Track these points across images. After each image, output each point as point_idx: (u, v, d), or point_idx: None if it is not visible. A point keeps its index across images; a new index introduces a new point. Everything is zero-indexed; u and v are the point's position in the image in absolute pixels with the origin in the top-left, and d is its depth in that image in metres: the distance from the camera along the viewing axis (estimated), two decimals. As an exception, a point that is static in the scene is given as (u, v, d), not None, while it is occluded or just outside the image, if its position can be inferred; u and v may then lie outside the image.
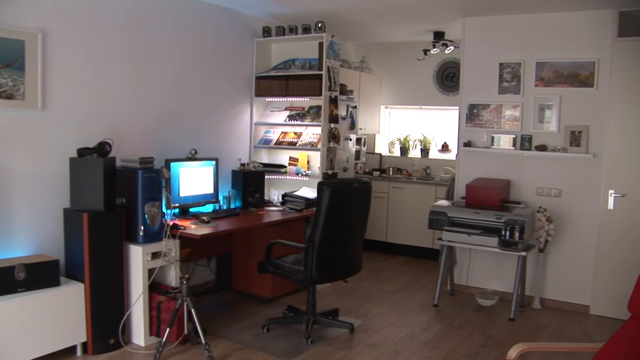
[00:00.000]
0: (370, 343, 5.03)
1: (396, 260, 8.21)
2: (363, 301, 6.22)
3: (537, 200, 6.27)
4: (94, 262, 4.44)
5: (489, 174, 6.50)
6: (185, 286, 4.50)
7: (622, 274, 5.70)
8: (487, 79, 6.45)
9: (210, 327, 5.12)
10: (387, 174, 8.71)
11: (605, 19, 5.85)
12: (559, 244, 6.22)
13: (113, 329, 4.60)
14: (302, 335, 5.02)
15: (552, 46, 6.13)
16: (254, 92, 6.85)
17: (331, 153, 6.55)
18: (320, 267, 4.79)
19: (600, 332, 5.55)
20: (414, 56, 8.51)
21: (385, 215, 8.45)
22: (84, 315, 4.44)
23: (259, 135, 6.98)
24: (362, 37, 8.39)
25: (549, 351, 4.83)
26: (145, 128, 5.46)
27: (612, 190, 5.90)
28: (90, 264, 4.42)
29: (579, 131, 6.02)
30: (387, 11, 6.47)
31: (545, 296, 6.31)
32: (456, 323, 5.66)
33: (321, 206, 4.68)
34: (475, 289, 6.55)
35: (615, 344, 3.27)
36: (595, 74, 5.92)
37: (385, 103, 9.34)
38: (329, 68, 6.41)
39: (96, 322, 4.49)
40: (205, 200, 5.83)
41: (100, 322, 4.52)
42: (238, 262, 6.19)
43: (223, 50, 6.37)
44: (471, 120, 6.55)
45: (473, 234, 5.82)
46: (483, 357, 4.83)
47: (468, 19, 6.55)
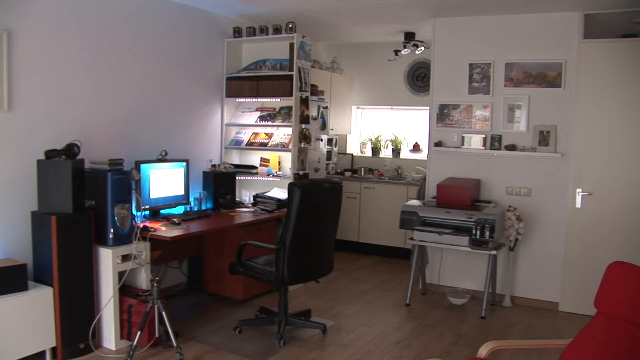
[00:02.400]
0: (343, 343, 5.04)
1: (368, 260, 8.23)
2: (335, 301, 6.22)
3: (507, 200, 6.33)
4: (63, 265, 4.37)
5: (459, 173, 6.54)
6: (156, 289, 4.47)
7: (589, 271, 5.77)
8: (457, 80, 6.50)
9: (181, 329, 5.09)
10: (359, 174, 8.72)
11: (571, 21, 5.93)
12: (529, 243, 6.29)
13: (83, 333, 4.55)
14: (274, 336, 5.01)
15: (521, 47, 6.20)
16: (225, 93, 6.82)
17: (302, 154, 6.55)
18: (292, 268, 4.79)
19: (568, 328, 5.62)
20: (385, 57, 8.54)
21: (357, 216, 8.47)
22: (52, 319, 4.38)
23: (230, 136, 6.96)
24: (333, 37, 8.41)
25: (519, 348, 4.88)
26: (115, 129, 5.41)
27: (580, 189, 5.98)
28: (59, 267, 4.36)
29: (548, 131, 6.09)
30: (358, 12, 6.48)
31: (516, 294, 6.38)
32: (428, 322, 5.69)
33: (292, 207, 4.67)
34: (447, 287, 6.60)
35: (582, 339, 3.32)
36: (563, 75, 6.01)
37: (356, 103, 9.36)
38: (300, 68, 6.41)
39: (65, 327, 4.43)
40: (176, 201, 5.79)
41: (69, 327, 4.46)
42: (209, 264, 6.17)
43: (193, 50, 6.34)
44: (442, 121, 6.59)
45: (444, 234, 5.86)
46: (455, 355, 4.86)
47: (438, 20, 6.59)
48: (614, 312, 3.25)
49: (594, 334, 3.30)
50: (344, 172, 8.81)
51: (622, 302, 3.20)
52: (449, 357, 4.81)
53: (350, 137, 9.41)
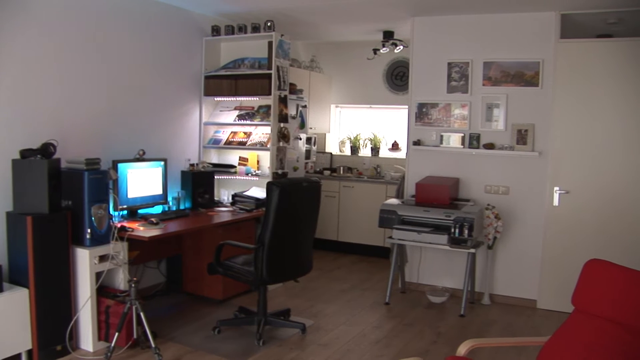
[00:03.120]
0: (322, 343, 5.03)
1: (347, 259, 8.23)
2: (314, 301, 6.21)
3: (485, 198, 6.36)
4: (39, 266, 4.32)
5: (438, 172, 6.56)
6: (133, 289, 4.43)
7: (567, 268, 5.81)
8: (436, 78, 6.52)
9: (160, 330, 5.05)
10: (338, 173, 8.72)
11: (548, 21, 5.98)
12: (507, 241, 6.32)
13: (60, 335, 4.50)
14: (254, 336, 4.99)
15: (499, 46, 6.23)
16: (203, 92, 6.78)
17: (281, 152, 6.53)
18: (271, 268, 4.77)
19: (547, 325, 5.66)
20: (363, 55, 8.54)
21: (336, 214, 8.46)
22: (28, 321, 4.31)
23: (209, 135, 6.92)
24: (312, 36, 8.39)
25: (497, 346, 4.91)
26: (92, 128, 5.35)
27: (557, 187, 6.03)
28: (34, 268, 4.30)
29: (525, 129, 6.12)
30: (337, 10, 6.48)
31: (495, 292, 6.41)
32: (407, 320, 5.70)
33: (270, 206, 4.66)
34: (426, 286, 6.61)
35: (560, 337, 3.34)
36: (540, 74, 6.05)
37: (335, 102, 9.35)
38: (279, 67, 6.39)
39: (42, 329, 4.37)
40: (154, 201, 5.75)
41: (46, 329, 4.40)
42: (188, 264, 6.13)
43: (172, 49, 6.29)
44: (420, 119, 6.61)
45: (423, 232, 5.87)
46: (434, 354, 4.87)
47: (417, 19, 6.60)
48: (591, 309, 3.27)
49: (571, 332, 3.32)
50: (323, 171, 8.80)
51: (599, 300, 3.23)
52: (429, 356, 4.81)
53: (329, 136, 9.40)
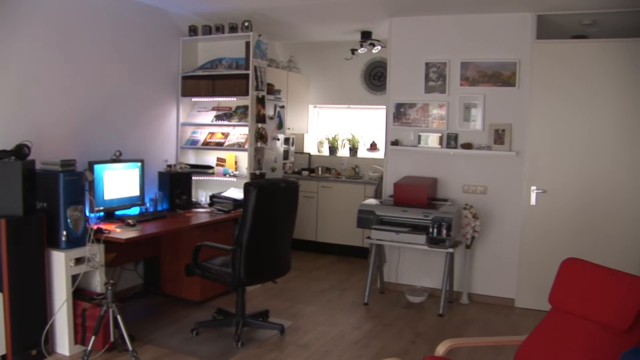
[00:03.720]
0: (301, 344, 5.02)
1: (326, 259, 8.23)
2: (293, 301, 6.20)
3: (463, 198, 6.38)
4: (13, 269, 4.25)
5: (416, 172, 6.57)
6: (110, 292, 4.39)
7: (544, 267, 5.84)
8: (414, 79, 6.53)
9: (137, 333, 5.00)
10: (316, 174, 8.71)
11: (524, 21, 6.03)
12: (485, 240, 6.35)
13: (35, 339, 4.43)
14: (232, 337, 4.96)
15: (476, 46, 6.26)
16: (180, 92, 6.74)
17: (259, 153, 6.51)
18: (249, 269, 4.75)
19: (524, 324, 5.69)
20: (341, 56, 8.54)
21: (314, 215, 8.45)
22: (2, 325, 4.24)
23: (186, 136, 6.87)
24: (289, 36, 8.38)
25: (476, 346, 4.92)
26: (67, 129, 5.29)
27: (534, 186, 6.07)
28: (9, 271, 4.23)
29: (503, 129, 6.16)
30: (314, 10, 6.47)
31: (473, 291, 6.44)
32: (386, 321, 5.70)
33: (248, 207, 4.63)
34: (405, 286, 6.62)
35: (537, 335, 3.37)
36: (517, 74, 6.09)
37: (313, 102, 9.34)
38: (256, 67, 6.37)
39: (16, 333, 4.30)
40: (131, 202, 5.70)
41: (21, 333, 4.33)
42: (166, 266, 6.09)
43: (148, 49, 6.24)
44: (398, 119, 6.61)
45: (401, 232, 5.88)
46: (413, 353, 4.87)
47: (394, 19, 6.60)
48: (568, 307, 3.30)
49: (548, 330, 3.34)
50: (301, 172, 8.78)
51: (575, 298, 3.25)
52: (408, 356, 4.82)
53: (307, 136, 9.39)
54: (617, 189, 5.82)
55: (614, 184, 5.83)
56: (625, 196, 5.80)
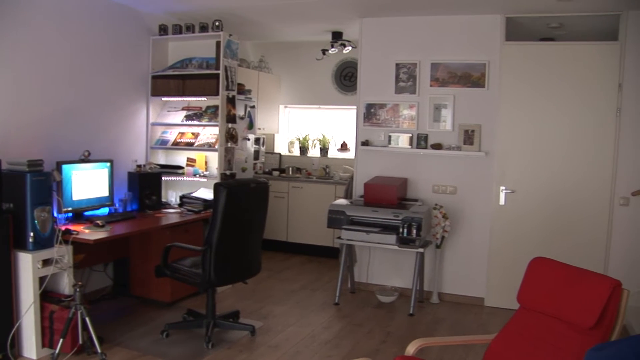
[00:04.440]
0: (272, 344, 5.00)
1: (297, 259, 8.22)
2: (264, 302, 6.18)
3: (433, 198, 6.42)
4: (-22, 271, 4.19)
5: (386, 172, 6.60)
6: (78, 294, 4.34)
7: (513, 266, 5.89)
8: (384, 79, 6.55)
9: (107, 335, 4.94)
10: (287, 174, 8.70)
11: (494, 23, 6.09)
12: (455, 240, 6.40)
13: (1, 342, 4.34)
14: (203, 339, 4.93)
15: (446, 48, 6.30)
16: (150, 92, 6.68)
17: (229, 153, 6.48)
18: (219, 270, 4.73)
19: (494, 322, 5.74)
20: (312, 56, 8.53)
21: (285, 215, 8.44)
22: (-33, 328, 4.19)
23: (156, 136, 6.82)
24: (260, 36, 8.36)
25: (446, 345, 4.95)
26: (34, 129, 5.21)
27: (503, 186, 6.13)
28: (-26, 273, 4.17)
29: (472, 130, 6.21)
30: (285, 10, 6.46)
31: (443, 290, 6.47)
32: (357, 320, 5.71)
33: (218, 208, 4.61)
34: (375, 286, 6.64)
35: (505, 334, 3.41)
36: (486, 75, 6.15)
37: (284, 103, 9.32)
38: (227, 67, 6.34)
39: (-19, 336, 4.25)
40: (100, 203, 5.64)
41: (-14, 336, 4.27)
42: (136, 267, 6.04)
43: (118, 48, 6.17)
44: (369, 120, 6.63)
45: (372, 232, 5.89)
46: (383, 353, 4.89)
47: (365, 20, 6.62)
48: (536, 306, 3.34)
49: (516, 328, 3.38)
50: (272, 172, 8.76)
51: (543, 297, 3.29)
52: (378, 355, 4.83)
53: (278, 136, 9.37)
54: (582, 189, 5.91)
55: (580, 184, 5.92)
56: (590, 196, 5.90)
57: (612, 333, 2.97)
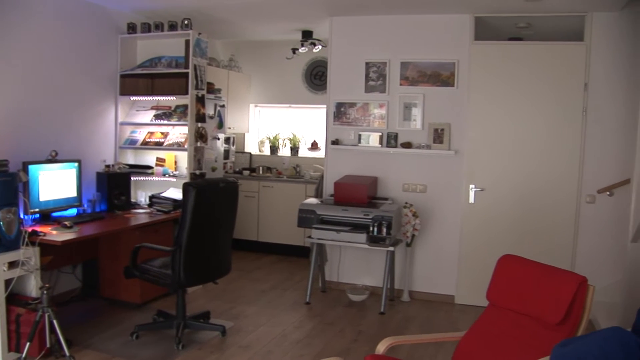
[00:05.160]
0: (243, 345, 4.98)
1: (268, 259, 8.20)
2: (235, 302, 6.15)
3: (403, 196, 6.44)
4: (-58, 273, 4.11)
5: (357, 171, 6.61)
6: (46, 296, 4.28)
7: (482, 264, 5.94)
8: (354, 78, 6.56)
9: (75, 337, 4.87)
10: (257, 173, 8.67)
11: (463, 23, 6.13)
12: (425, 238, 6.43)
13: (-35, 345, 4.29)
14: (173, 340, 4.89)
15: (416, 47, 6.33)
16: (119, 91, 6.60)
17: (199, 153, 6.44)
18: (188, 270, 4.69)
19: (464, 320, 5.78)
20: (283, 55, 8.52)
21: (255, 214, 8.41)
22: None
23: (125, 136, 6.75)
24: (230, 35, 8.32)
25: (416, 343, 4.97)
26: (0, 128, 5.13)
27: (473, 185, 6.17)
28: (-63, 276, 4.09)
29: (442, 129, 6.24)
30: (255, 9, 6.44)
31: (414, 289, 6.50)
32: (328, 319, 5.71)
33: (187, 208, 4.58)
34: (346, 284, 6.65)
35: (475, 331, 3.43)
36: (456, 74, 6.19)
37: (254, 102, 9.29)
38: (196, 66, 6.30)
39: (-55, 339, 4.16)
40: (67, 204, 5.56)
41: (-50, 339, 4.19)
42: (105, 268, 5.97)
43: (85, 46, 6.08)
44: (339, 119, 6.64)
45: (342, 231, 5.90)
46: (354, 352, 4.89)
47: (335, 19, 6.62)
48: (505, 303, 3.37)
49: (486, 326, 3.41)
50: (242, 171, 8.73)
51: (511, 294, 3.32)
52: (349, 354, 4.84)
53: (248, 135, 9.34)
54: (551, 186, 5.99)
55: (548, 182, 5.99)
56: (558, 194, 5.97)
57: (579, 328, 3.01)
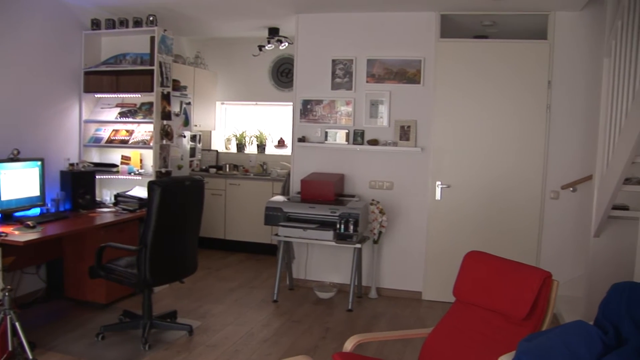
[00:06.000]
0: (210, 344, 4.95)
1: (235, 257, 8.16)
2: (202, 301, 6.11)
3: (370, 193, 6.46)
4: None
5: (323, 168, 6.61)
6: (7, 298, 4.19)
7: (449, 260, 5.98)
8: (321, 75, 6.56)
9: (39, 339, 4.79)
10: (224, 171, 8.62)
11: (429, 20, 6.17)
12: (392, 235, 6.45)
13: None
14: (139, 340, 4.84)
15: (382, 44, 6.35)
16: (83, 88, 6.51)
17: (164, 151, 6.38)
18: (154, 269, 4.65)
19: (431, 316, 5.82)
20: (249, 52, 8.48)
21: (222, 213, 8.37)
22: None
23: (89, 134, 6.65)
24: (196, 32, 8.26)
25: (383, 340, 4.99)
26: (-42, 127, 5.02)
27: (439, 181, 6.22)
28: None
29: (408, 126, 6.27)
30: (221, 6, 6.41)
31: (381, 285, 6.53)
32: (295, 317, 5.71)
33: (152, 206, 4.54)
34: (314, 282, 6.65)
35: (442, 327, 3.46)
36: (422, 72, 6.22)
37: (220, 99, 9.24)
38: (161, 63, 6.24)
39: None
40: (30, 203, 5.47)
41: None
42: (70, 268, 5.88)
43: (47, 42, 5.98)
44: (305, 116, 6.63)
45: (309, 229, 5.89)
46: (322, 349, 4.89)
47: (301, 16, 6.61)
48: (471, 299, 3.39)
49: (452, 322, 3.43)
50: (209, 169, 8.68)
51: (478, 290, 3.35)
52: (317, 352, 4.84)
53: (214, 133, 9.28)
54: (516, 183, 6.06)
55: (514, 179, 6.06)
56: (523, 190, 6.05)
57: (543, 323, 3.06)
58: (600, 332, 2.61)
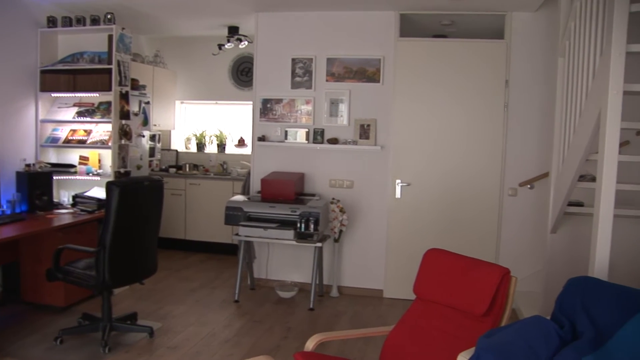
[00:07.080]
0: (171, 345, 4.91)
1: (196, 257, 8.11)
2: (163, 302, 6.06)
3: (330, 192, 6.48)
4: None
5: (284, 167, 6.60)
6: (-39, 302, 4.12)
7: (410, 257, 6.00)
8: (280, 74, 6.55)
9: (-6, 344, 4.72)
10: (184, 171, 8.55)
11: (388, 19, 6.21)
12: (353, 233, 6.48)
13: None
14: (99, 343, 4.77)
15: (342, 43, 6.37)
16: (39, 87, 6.39)
17: (123, 151, 6.31)
18: (113, 271, 4.59)
19: (393, 314, 5.86)
20: (209, 51, 8.42)
21: (182, 212, 8.31)
22: None
23: (46, 134, 6.54)
24: (155, 30, 8.18)
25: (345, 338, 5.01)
26: None
27: (399, 180, 6.26)
28: None
29: (368, 124, 6.30)
30: (179, 4, 6.38)
31: (343, 284, 6.55)
32: (257, 317, 5.70)
33: (111, 207, 4.48)
34: (275, 281, 6.64)
35: (403, 324, 3.49)
36: (381, 70, 6.26)
37: (180, 98, 9.17)
38: (120, 62, 6.17)
39: None
40: (-16, 205, 5.37)
41: None
42: (26, 271, 5.76)
43: (1, 40, 5.85)
44: (265, 115, 6.61)
45: (269, 228, 5.88)
46: (284, 349, 4.89)
47: (261, 14, 6.59)
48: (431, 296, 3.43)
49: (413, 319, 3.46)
50: (169, 169, 8.61)
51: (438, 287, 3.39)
52: (279, 352, 4.83)
53: (174, 132, 9.20)
54: (475, 180, 6.14)
55: (473, 176, 6.14)
56: (482, 187, 6.13)
57: (503, 318, 3.11)
58: (556, 327, 2.67)
